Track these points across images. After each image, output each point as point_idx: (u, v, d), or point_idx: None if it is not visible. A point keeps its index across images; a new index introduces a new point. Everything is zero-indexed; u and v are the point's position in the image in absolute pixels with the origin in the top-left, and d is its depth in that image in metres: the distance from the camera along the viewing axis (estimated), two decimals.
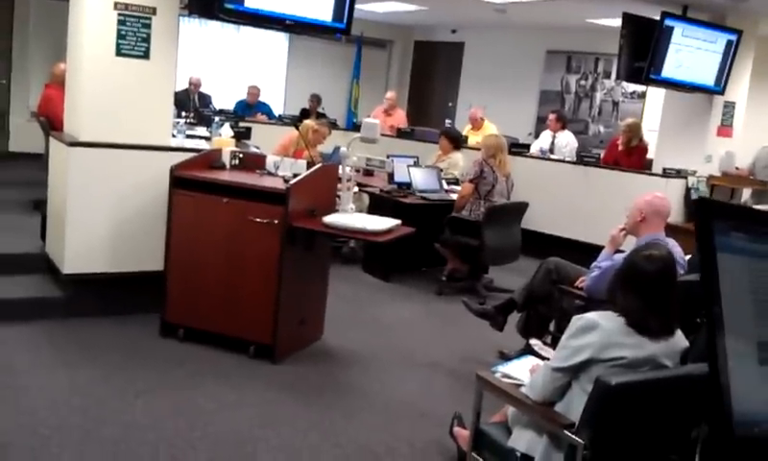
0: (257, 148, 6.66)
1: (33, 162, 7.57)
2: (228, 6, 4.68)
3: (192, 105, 9.74)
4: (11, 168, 8.91)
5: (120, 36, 4.85)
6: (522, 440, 2.81)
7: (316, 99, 11.11)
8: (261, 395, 4.10)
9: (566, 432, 2.57)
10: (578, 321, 2.69)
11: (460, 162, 7.82)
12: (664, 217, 4.24)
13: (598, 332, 2.61)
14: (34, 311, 4.85)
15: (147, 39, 4.94)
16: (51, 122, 6.20)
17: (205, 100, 10.24)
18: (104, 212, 4.95)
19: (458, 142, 8.08)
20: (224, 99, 11.02)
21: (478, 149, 7.72)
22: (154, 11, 4.93)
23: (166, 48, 5.04)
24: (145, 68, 4.97)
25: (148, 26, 4.93)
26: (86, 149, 4.87)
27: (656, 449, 2.68)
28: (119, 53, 4.87)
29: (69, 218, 4.87)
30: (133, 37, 4.90)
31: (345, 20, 5.22)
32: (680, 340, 2.75)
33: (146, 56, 4.95)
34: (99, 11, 4.79)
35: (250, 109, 10.42)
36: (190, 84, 10.01)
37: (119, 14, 4.83)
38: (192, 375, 4.26)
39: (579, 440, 2.50)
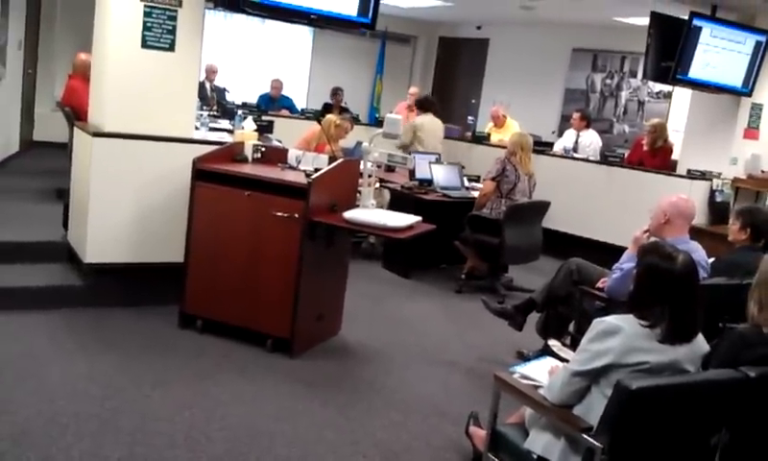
0: (279, 142, 6.67)
1: (57, 152, 7.63)
2: None
3: (210, 96, 9.75)
4: (35, 157, 9.00)
5: (146, 27, 4.87)
6: (539, 442, 2.78)
7: (339, 93, 11.10)
8: (278, 389, 4.10)
9: (585, 436, 2.54)
10: (599, 324, 2.66)
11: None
12: (689, 219, 4.19)
13: (620, 337, 2.57)
14: (55, 299, 4.89)
15: (172, 32, 4.95)
16: (76, 112, 6.24)
17: (221, 92, 10.25)
18: (126, 203, 4.98)
19: (425, 106, 8.38)
20: (247, 92, 11.04)
21: (501, 146, 7.70)
22: (180, 3, 4.94)
23: (191, 40, 5.06)
24: (170, 60, 4.98)
25: (174, 18, 4.94)
26: (110, 139, 4.90)
27: (675, 455, 2.64)
28: (145, 45, 4.89)
29: (92, 207, 4.90)
30: (159, 29, 4.91)
31: (370, 15, 5.20)
32: (701, 344, 2.71)
33: (171, 48, 4.97)
34: (125, 2, 4.81)
35: (273, 102, 10.43)
36: (207, 72, 9.98)
37: (145, 6, 4.84)
38: (210, 367, 4.27)
39: (597, 444, 2.47)
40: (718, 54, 7.14)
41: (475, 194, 6.85)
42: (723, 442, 2.63)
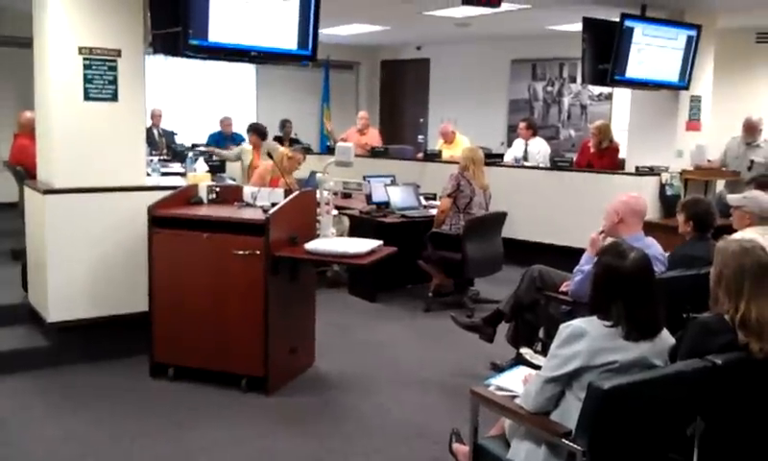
0: (233, 180, 6.66)
1: (6, 212, 7.49)
2: (193, 42, 4.66)
3: (158, 141, 9.71)
4: None
5: (87, 80, 4.85)
6: (521, 451, 2.82)
7: (288, 125, 11.14)
8: (257, 429, 4.07)
9: (564, 440, 2.58)
10: (565, 329, 2.71)
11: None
12: (641, 216, 4.30)
13: (586, 340, 2.63)
14: (20, 363, 4.79)
15: (114, 82, 4.93)
16: (26, 170, 6.15)
17: (169, 136, 10.21)
18: (85, 257, 4.92)
19: (264, 135, 8.79)
20: (195, 133, 11.00)
21: (453, 162, 7.79)
22: (119, 53, 4.93)
23: (134, 88, 5.04)
24: (114, 110, 4.96)
25: (114, 68, 4.92)
26: (62, 195, 4.85)
27: (654, 450, 2.70)
28: (87, 97, 4.86)
29: (50, 266, 4.83)
30: (101, 81, 4.89)
31: (310, 47, 5.23)
32: (667, 338, 2.78)
33: (114, 98, 4.95)
34: (64, 56, 4.78)
35: (226, 140, 10.42)
36: (152, 117, 9.93)
37: (84, 59, 4.82)
38: (186, 414, 4.22)
39: (577, 447, 2.52)
40: (652, 52, 7.35)
41: (433, 212, 6.91)
42: (699, 431, 2.69)
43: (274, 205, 4.72)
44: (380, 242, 4.74)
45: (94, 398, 4.43)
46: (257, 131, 8.56)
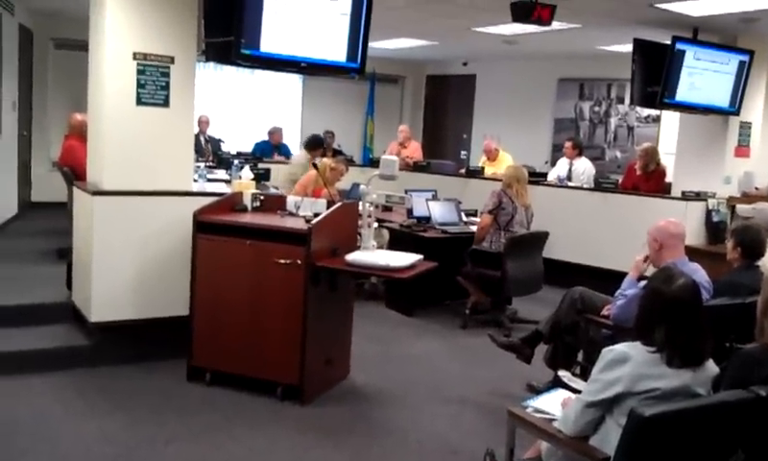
0: (276, 189, 6.72)
1: (55, 211, 7.67)
2: (245, 51, 4.75)
3: (205, 148, 9.85)
4: (34, 218, 9.04)
5: (140, 85, 4.94)
6: None
7: (331, 135, 11.22)
8: (291, 438, 4.09)
9: None
10: (608, 353, 2.67)
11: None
12: (681, 238, 4.22)
13: (630, 365, 2.59)
14: (62, 361, 4.88)
15: (166, 88, 5.02)
16: (74, 172, 6.29)
17: (216, 143, 10.35)
18: (129, 259, 5.00)
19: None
20: (241, 141, 11.14)
21: (495, 179, 7.76)
22: (172, 60, 5.02)
23: (185, 95, 5.13)
24: (165, 116, 5.05)
25: (167, 74, 5.02)
26: (110, 197, 4.95)
27: None
28: (139, 102, 4.96)
29: (95, 267, 4.92)
30: (153, 86, 4.98)
31: (359, 60, 5.27)
32: (711, 367, 2.72)
33: (166, 104, 5.04)
34: (118, 61, 4.88)
35: (272, 150, 10.57)
36: (198, 123, 10.07)
37: (138, 64, 4.92)
38: (221, 419, 4.25)
39: None
40: (703, 76, 7.26)
41: (474, 228, 6.89)
42: None
43: (316, 215, 4.76)
44: (421, 256, 4.74)
45: (131, 399, 4.49)
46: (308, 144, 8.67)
